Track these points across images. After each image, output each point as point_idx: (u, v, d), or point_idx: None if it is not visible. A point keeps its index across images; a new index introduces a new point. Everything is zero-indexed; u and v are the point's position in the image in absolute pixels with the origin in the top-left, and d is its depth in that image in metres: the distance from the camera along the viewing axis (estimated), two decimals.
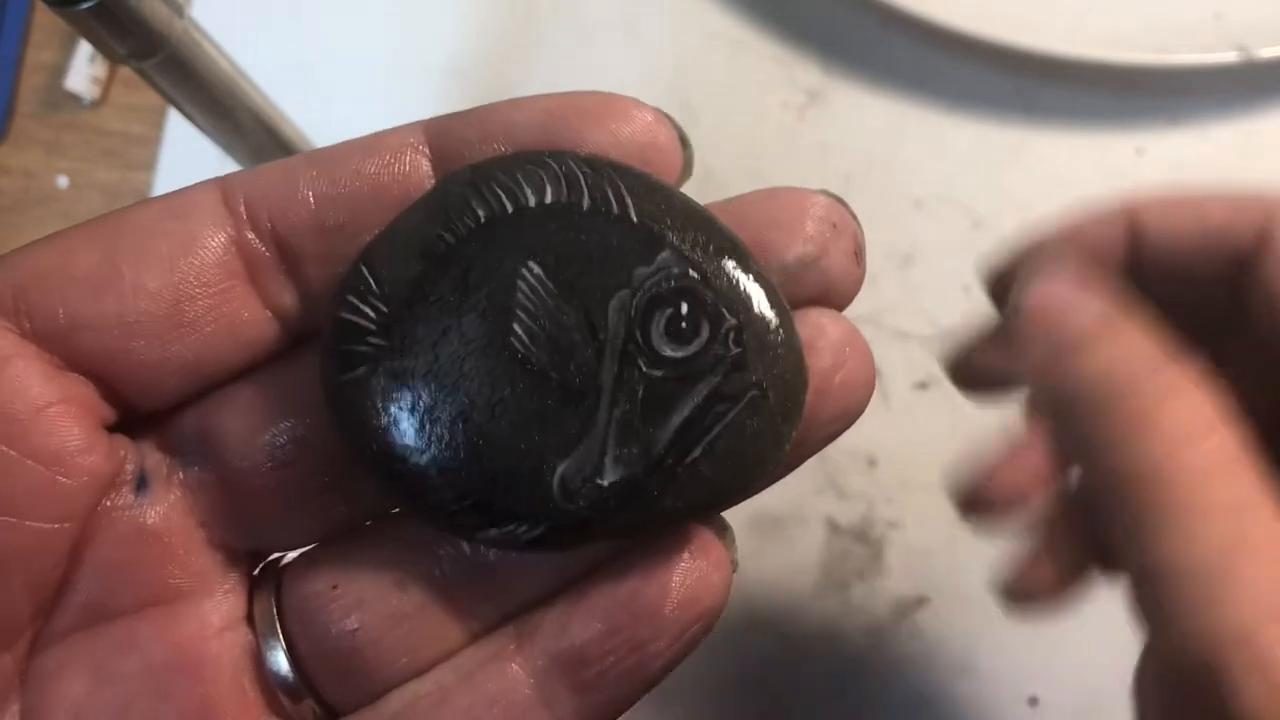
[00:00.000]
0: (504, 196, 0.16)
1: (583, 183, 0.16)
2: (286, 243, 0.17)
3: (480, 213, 0.16)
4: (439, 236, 0.16)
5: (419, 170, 0.17)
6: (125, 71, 0.41)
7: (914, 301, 0.40)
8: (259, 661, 0.18)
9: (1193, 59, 0.40)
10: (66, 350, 0.17)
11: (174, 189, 0.18)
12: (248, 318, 0.17)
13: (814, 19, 0.43)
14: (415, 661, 0.17)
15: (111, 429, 0.17)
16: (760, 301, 0.16)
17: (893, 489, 0.39)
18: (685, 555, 0.17)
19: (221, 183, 0.17)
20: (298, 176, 0.17)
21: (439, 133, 0.17)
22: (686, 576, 0.17)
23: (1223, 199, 0.22)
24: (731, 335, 0.16)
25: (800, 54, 0.43)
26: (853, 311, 0.19)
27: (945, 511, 0.39)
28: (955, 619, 0.38)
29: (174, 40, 0.25)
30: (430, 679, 0.17)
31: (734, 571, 0.17)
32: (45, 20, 0.44)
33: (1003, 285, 0.24)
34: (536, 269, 0.16)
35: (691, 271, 0.16)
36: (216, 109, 0.28)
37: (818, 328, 0.17)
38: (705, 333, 0.16)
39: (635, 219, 0.16)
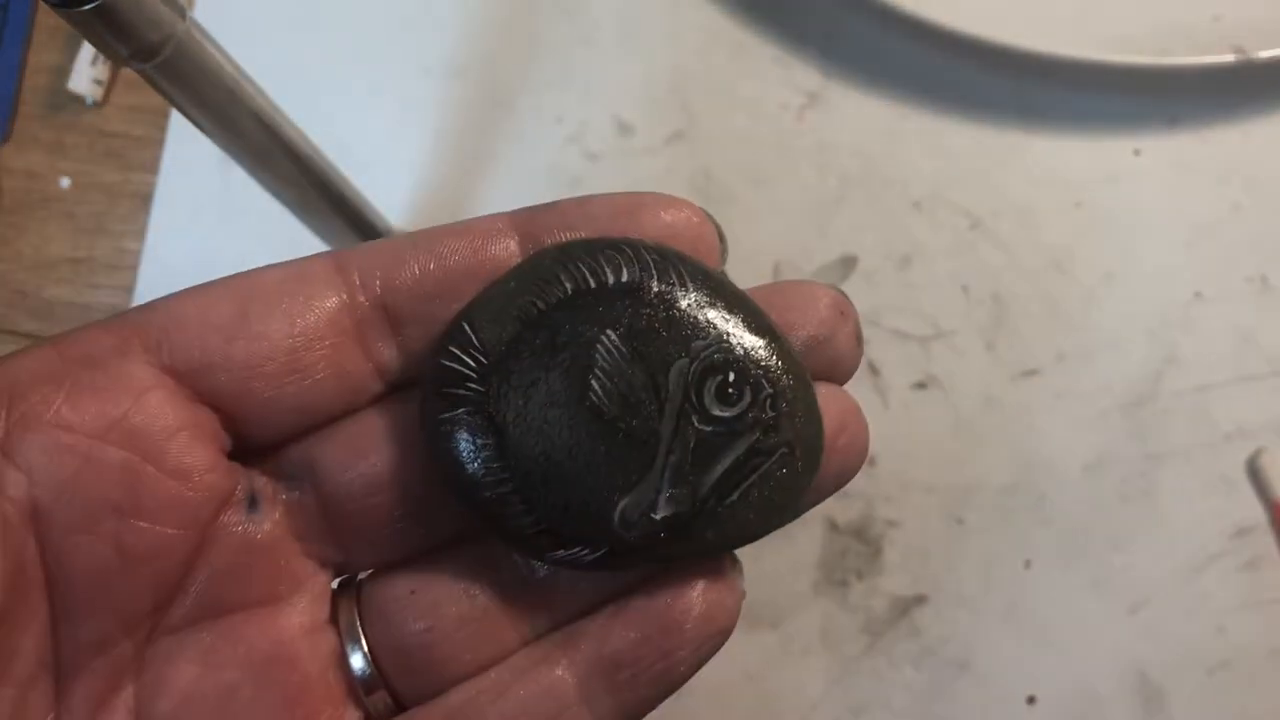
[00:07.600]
0: (588, 274, 0.19)
1: (652, 267, 0.19)
2: (391, 307, 0.20)
3: (568, 286, 0.19)
4: (532, 303, 0.19)
5: (508, 250, 0.20)
6: (127, 73, 0.41)
7: (912, 302, 0.41)
8: (341, 657, 0.20)
9: (1190, 60, 0.40)
10: (198, 385, 0.19)
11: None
12: (353, 369, 0.20)
13: (814, 19, 0.43)
14: (477, 660, 0.20)
15: (230, 457, 0.20)
16: (791, 374, 0.19)
17: (891, 488, 0.39)
18: (705, 582, 0.20)
19: (335, 255, 0.20)
20: (405, 252, 0.20)
21: (525, 220, 0.20)
22: (706, 598, 0.20)
23: None
24: (769, 401, 0.19)
25: (800, 54, 0.43)
26: None
27: (944, 510, 0.39)
28: (953, 617, 0.38)
29: (176, 42, 0.25)
30: (489, 676, 0.20)
31: (742, 598, 0.20)
32: (48, 22, 0.44)
33: None
34: (614, 336, 0.19)
35: (738, 346, 0.19)
36: (218, 111, 0.28)
37: (825, 399, 0.20)
38: (748, 398, 0.19)
39: (694, 299, 0.19)
